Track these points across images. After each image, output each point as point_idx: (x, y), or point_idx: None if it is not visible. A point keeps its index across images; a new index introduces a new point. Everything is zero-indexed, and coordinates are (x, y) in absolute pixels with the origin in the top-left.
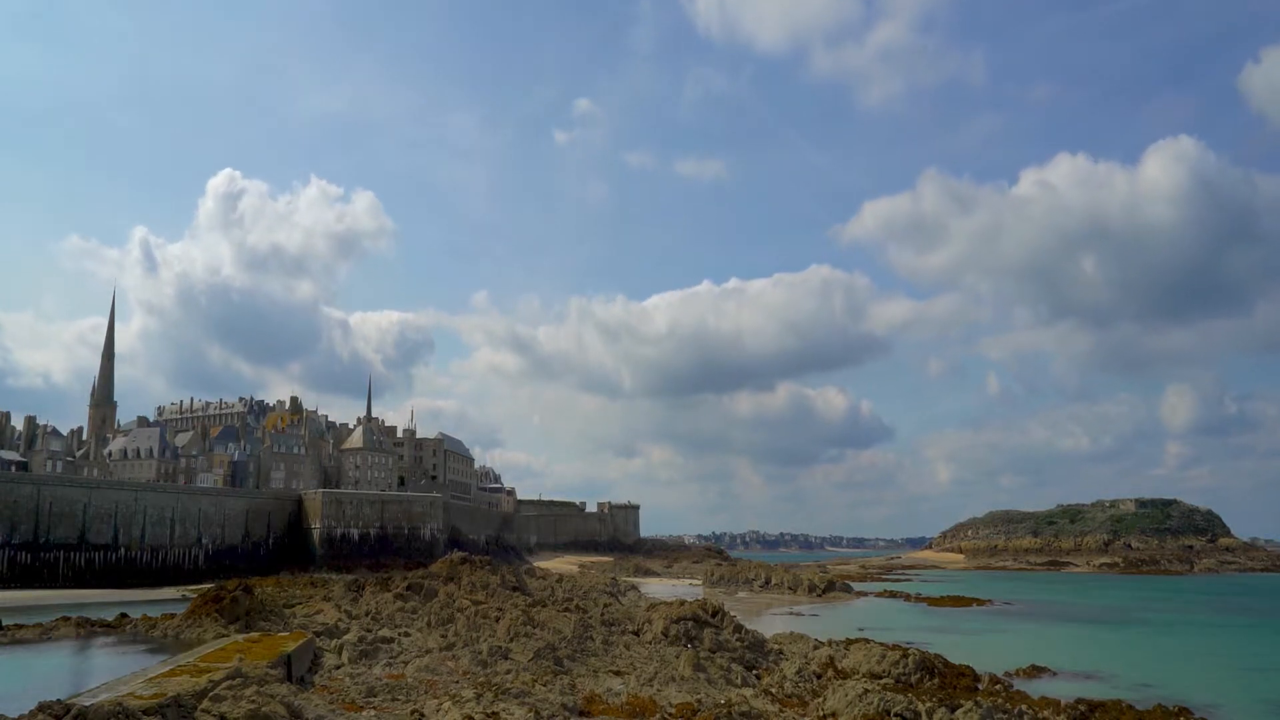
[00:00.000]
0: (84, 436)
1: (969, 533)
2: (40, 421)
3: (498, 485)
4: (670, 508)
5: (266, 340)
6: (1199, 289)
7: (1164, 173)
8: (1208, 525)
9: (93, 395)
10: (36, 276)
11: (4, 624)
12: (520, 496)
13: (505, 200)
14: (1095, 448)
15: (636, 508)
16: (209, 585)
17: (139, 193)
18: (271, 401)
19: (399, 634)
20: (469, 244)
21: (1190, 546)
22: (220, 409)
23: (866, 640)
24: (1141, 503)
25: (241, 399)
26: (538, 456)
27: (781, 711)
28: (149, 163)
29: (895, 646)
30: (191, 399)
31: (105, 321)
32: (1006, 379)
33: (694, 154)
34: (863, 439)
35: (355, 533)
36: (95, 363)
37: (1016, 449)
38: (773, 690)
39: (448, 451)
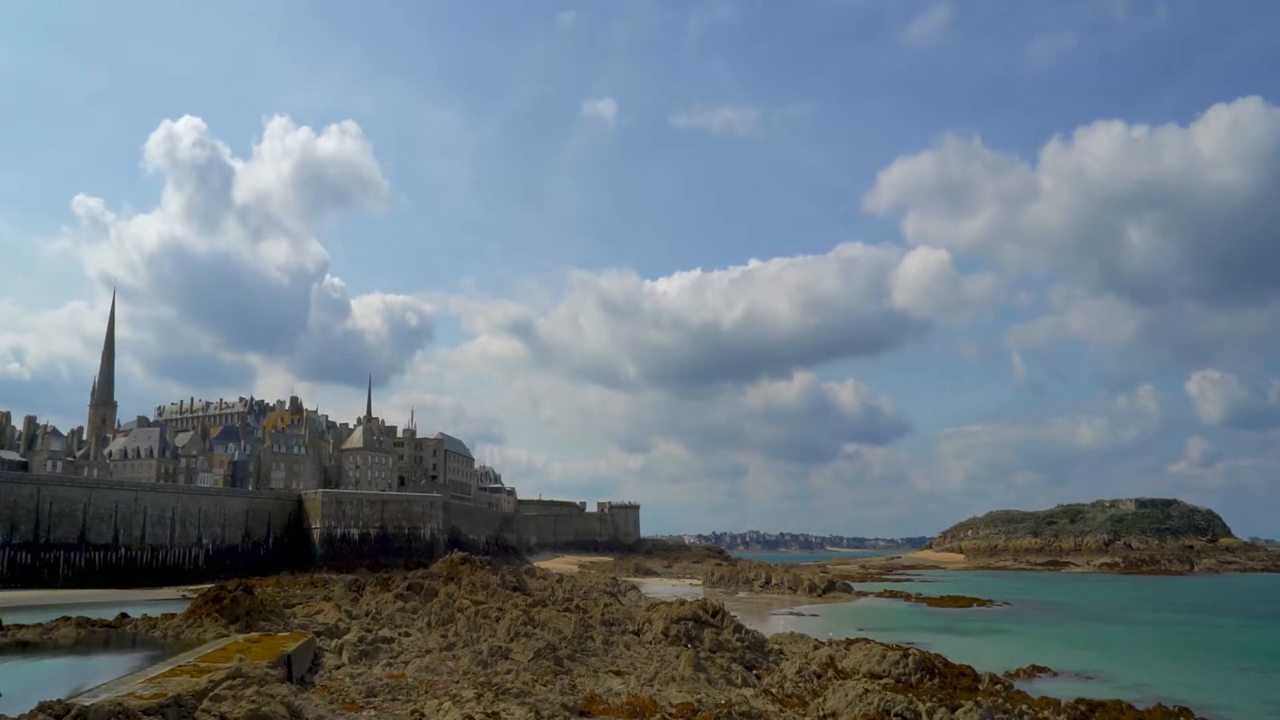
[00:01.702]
0: (84, 436)
1: (969, 533)
2: (40, 421)
3: (498, 485)
4: (675, 505)
5: (248, 318)
6: (1267, 262)
7: (1232, 129)
8: (1208, 525)
9: (93, 395)
10: None
11: (4, 624)
12: (521, 496)
13: (501, 188)
14: (1118, 443)
15: (636, 508)
16: (209, 585)
17: (76, 157)
18: (270, 401)
19: (399, 634)
20: (465, 228)
21: (1190, 546)
22: (220, 409)
23: (867, 640)
24: (1141, 502)
25: (241, 399)
26: (538, 453)
27: (781, 711)
28: (88, 127)
29: (895, 646)
30: (192, 399)
31: (82, 307)
32: (1034, 367)
33: (699, 105)
34: (881, 434)
35: (355, 533)
36: (71, 348)
37: (1036, 444)
38: (773, 690)
39: (448, 451)
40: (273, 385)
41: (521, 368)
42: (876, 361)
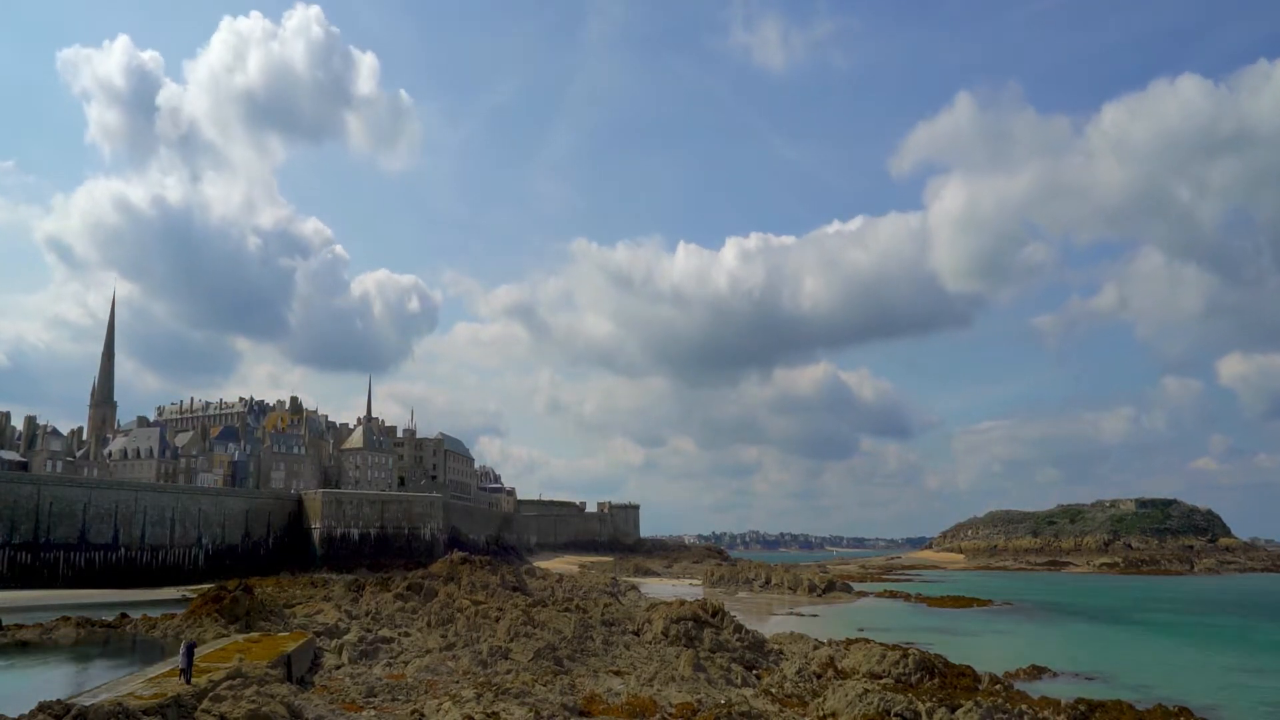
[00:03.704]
0: (84, 436)
1: (969, 533)
2: (40, 421)
3: (497, 485)
4: (676, 504)
5: (230, 291)
6: None
7: None
8: (1208, 525)
9: (92, 395)
10: None
11: (4, 624)
12: (523, 494)
13: (492, 181)
14: (1148, 436)
15: (636, 507)
16: (209, 585)
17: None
18: (270, 400)
19: (399, 634)
20: (456, 214)
21: (1190, 546)
22: (220, 409)
23: (867, 640)
24: (1141, 502)
25: (241, 398)
26: (539, 449)
27: (781, 711)
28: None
29: (895, 646)
30: (192, 399)
31: (50, 293)
32: (1072, 351)
33: (708, 23)
34: (901, 429)
35: (355, 533)
36: (48, 335)
37: (1061, 440)
38: (773, 690)
39: (448, 451)
40: (262, 372)
41: (523, 356)
42: (904, 344)
